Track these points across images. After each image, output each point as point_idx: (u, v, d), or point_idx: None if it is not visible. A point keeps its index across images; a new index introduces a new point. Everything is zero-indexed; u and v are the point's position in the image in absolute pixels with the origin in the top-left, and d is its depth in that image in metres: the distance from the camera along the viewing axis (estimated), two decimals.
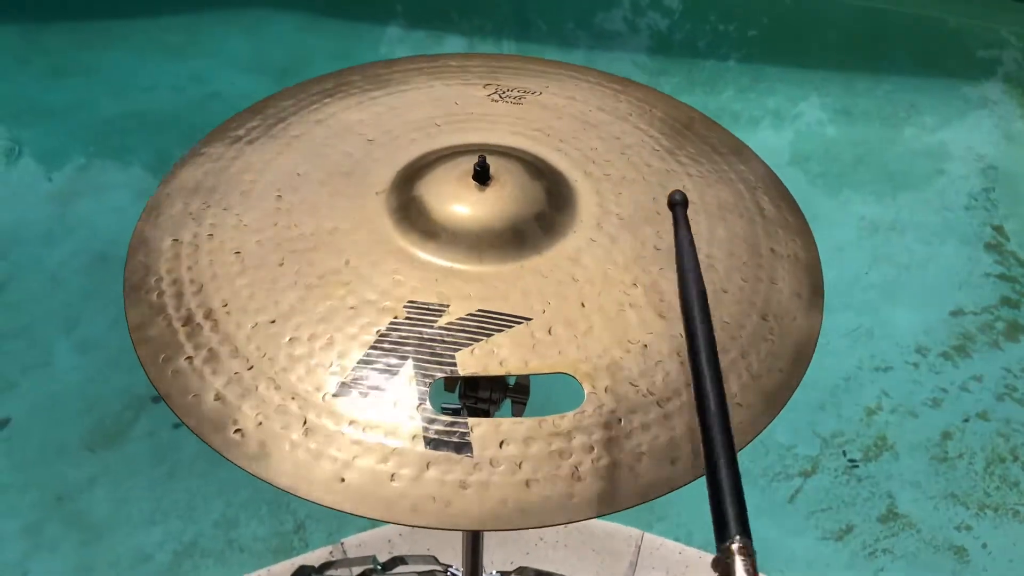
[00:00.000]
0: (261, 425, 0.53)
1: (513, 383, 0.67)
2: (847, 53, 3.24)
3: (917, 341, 2.02)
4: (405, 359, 0.55)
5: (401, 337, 0.56)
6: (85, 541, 1.62)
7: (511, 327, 0.57)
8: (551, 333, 0.57)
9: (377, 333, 0.56)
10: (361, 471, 0.51)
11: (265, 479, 0.51)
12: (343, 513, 0.50)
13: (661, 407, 0.54)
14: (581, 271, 0.61)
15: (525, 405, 0.71)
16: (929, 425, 1.85)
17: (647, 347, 0.57)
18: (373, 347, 0.56)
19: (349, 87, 0.82)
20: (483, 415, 0.71)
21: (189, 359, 0.57)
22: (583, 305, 0.59)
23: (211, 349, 0.57)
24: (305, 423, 0.53)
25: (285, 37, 3.10)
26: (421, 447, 0.51)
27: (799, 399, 0.59)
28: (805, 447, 1.80)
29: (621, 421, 0.53)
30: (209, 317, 0.59)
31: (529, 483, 0.51)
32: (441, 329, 0.56)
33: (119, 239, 0.69)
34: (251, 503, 1.65)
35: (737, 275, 0.63)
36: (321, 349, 0.56)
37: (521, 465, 0.51)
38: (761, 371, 0.58)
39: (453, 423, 0.52)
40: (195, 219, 0.67)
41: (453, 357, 0.55)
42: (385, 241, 0.63)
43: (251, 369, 0.56)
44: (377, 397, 0.54)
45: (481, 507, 0.49)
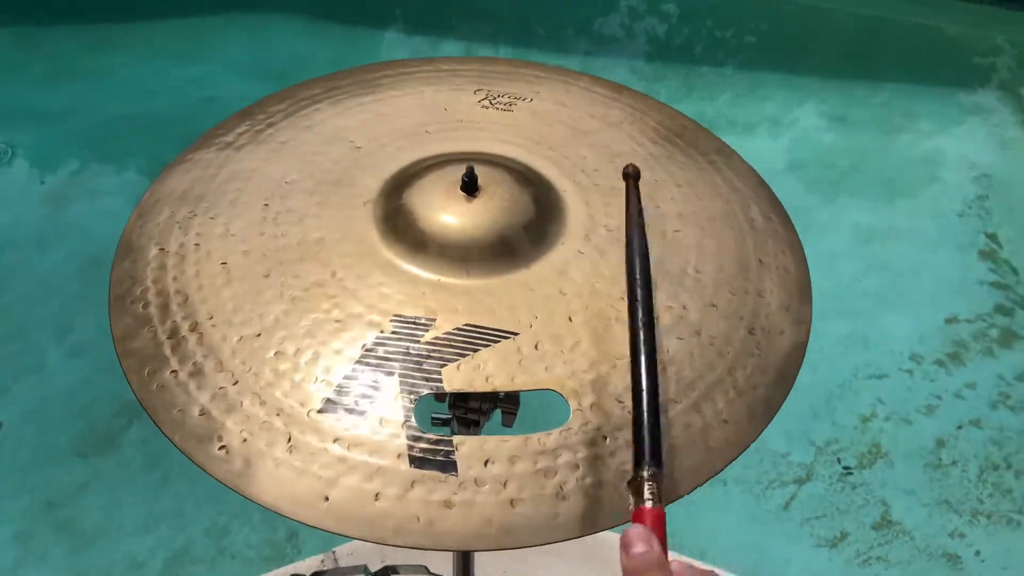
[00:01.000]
0: (246, 442, 0.53)
1: (503, 393, 0.67)
2: (844, 60, 3.25)
3: (911, 348, 2.02)
4: (391, 375, 0.55)
5: (387, 352, 0.56)
6: (76, 548, 1.62)
7: (498, 342, 0.56)
8: (538, 348, 0.56)
9: (363, 348, 0.56)
10: (345, 489, 0.50)
11: (249, 497, 0.50)
12: None
13: None
14: (569, 284, 0.61)
15: (515, 415, 0.71)
16: (923, 432, 1.85)
17: None
18: (359, 362, 0.55)
19: (339, 91, 0.82)
20: (473, 425, 0.71)
21: (174, 373, 0.57)
22: (570, 319, 0.58)
23: (196, 363, 0.57)
24: (290, 440, 0.52)
25: (284, 42, 3.10)
26: (406, 465, 0.51)
27: (793, 406, 0.59)
28: (799, 454, 1.80)
29: (607, 439, 0.53)
30: (195, 330, 0.58)
31: (514, 502, 0.50)
32: (427, 344, 0.56)
33: (112, 243, 0.69)
34: (243, 511, 1.64)
35: (725, 288, 0.63)
36: (306, 364, 0.56)
37: (506, 484, 0.51)
38: (747, 387, 0.57)
39: (438, 441, 0.52)
40: (182, 228, 0.66)
41: (439, 373, 0.54)
42: (372, 253, 0.63)
43: (236, 384, 0.55)
44: (362, 414, 0.53)
45: (465, 527, 0.49)
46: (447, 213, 0.64)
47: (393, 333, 0.57)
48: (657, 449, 0.46)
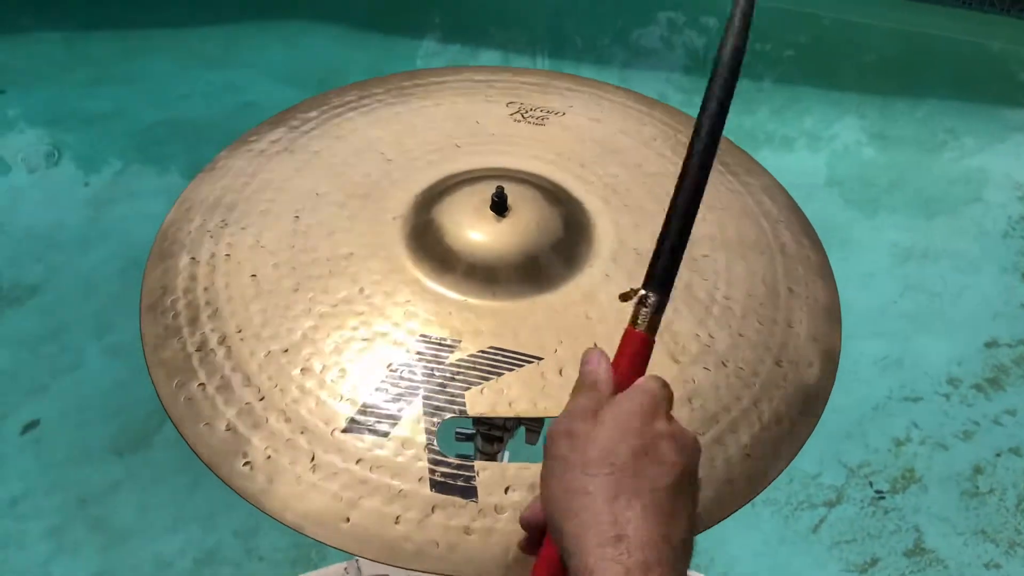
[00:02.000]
0: (270, 458, 0.53)
1: None
2: (884, 75, 3.20)
3: (949, 372, 1.98)
4: (415, 396, 0.55)
5: (412, 373, 0.56)
6: (107, 545, 1.64)
7: (522, 366, 0.56)
8: (562, 374, 0.56)
9: (388, 368, 0.56)
10: (366, 511, 0.50)
11: (271, 514, 0.51)
12: None
13: None
14: (595, 309, 0.60)
15: (539, 433, 0.70)
16: (959, 458, 1.81)
17: None
18: (383, 382, 0.56)
19: (372, 100, 0.82)
20: (497, 441, 0.71)
21: (202, 386, 0.57)
22: (595, 345, 0.58)
23: (224, 376, 0.57)
24: (313, 459, 0.53)
25: (322, 49, 3.14)
26: (427, 490, 0.51)
27: (825, 427, 0.58)
28: (831, 476, 1.77)
29: None
30: (223, 343, 0.59)
31: None
32: (452, 366, 0.56)
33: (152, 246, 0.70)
34: None
35: (754, 317, 0.62)
36: (332, 382, 0.56)
37: None
38: (772, 421, 0.56)
39: (460, 466, 0.52)
40: (213, 237, 0.67)
41: (463, 396, 0.54)
42: (399, 270, 0.63)
43: (262, 400, 0.56)
44: (385, 436, 0.53)
45: (484, 554, 0.49)
46: (476, 232, 0.64)
47: (419, 354, 0.57)
48: (669, 277, 0.48)
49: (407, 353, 0.57)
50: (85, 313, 2.12)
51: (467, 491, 0.51)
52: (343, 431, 0.53)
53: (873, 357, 2.00)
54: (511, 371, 0.56)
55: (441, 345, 0.57)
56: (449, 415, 0.54)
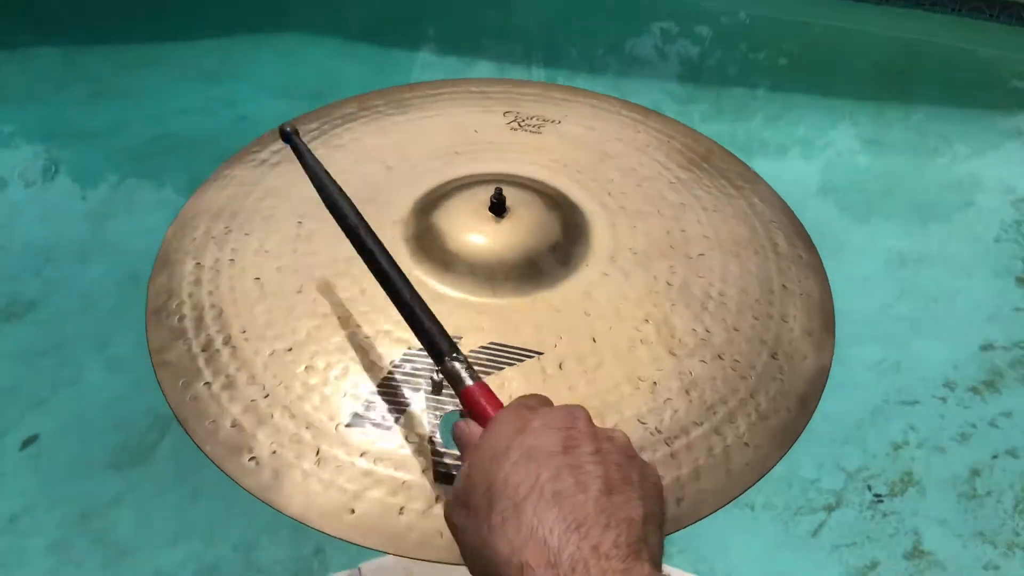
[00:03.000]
0: (275, 453, 0.54)
1: None
2: (878, 82, 3.23)
3: (945, 375, 1.99)
4: (417, 391, 0.56)
5: (414, 368, 0.57)
6: (109, 559, 1.64)
7: (522, 361, 0.57)
8: (561, 368, 0.57)
9: (391, 364, 0.57)
10: (371, 503, 0.51)
11: (276, 508, 0.52)
12: None
13: (668, 445, 0.54)
14: (593, 306, 0.62)
15: None
16: (957, 461, 1.82)
17: (656, 384, 0.57)
18: (386, 377, 0.57)
19: (371, 111, 0.84)
20: None
21: (207, 384, 0.58)
22: (594, 340, 0.59)
23: (229, 375, 0.58)
24: (318, 453, 0.53)
25: (317, 62, 3.16)
26: (431, 481, 0.52)
27: (822, 432, 0.59)
28: (829, 480, 1.78)
29: None
30: (228, 343, 0.60)
31: None
32: None
33: (150, 260, 0.71)
34: (271, 526, 1.66)
35: (749, 312, 0.63)
36: (336, 379, 0.57)
37: None
38: (769, 411, 0.57)
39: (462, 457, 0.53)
40: (217, 243, 0.68)
41: None
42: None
43: (267, 397, 0.57)
44: (389, 429, 0.54)
45: None
46: (475, 233, 0.65)
47: (420, 350, 0.58)
48: (448, 338, 0.50)
49: (409, 350, 0.58)
50: (84, 327, 2.13)
51: None
52: (347, 425, 0.54)
53: (869, 362, 2.01)
54: (512, 366, 0.57)
55: None
56: (451, 408, 0.55)
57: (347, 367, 0.57)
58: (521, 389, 0.56)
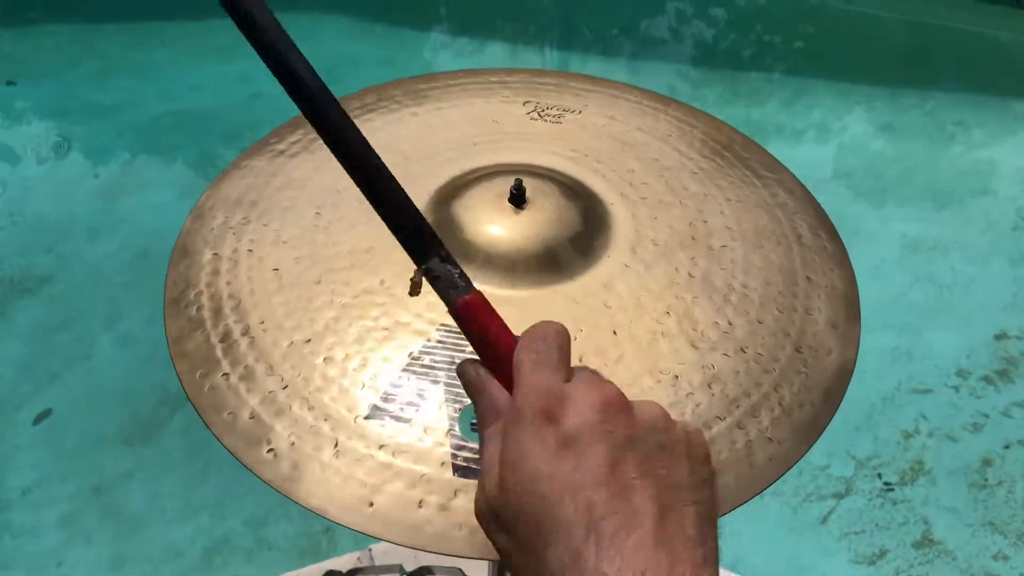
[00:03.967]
0: (294, 445, 0.54)
1: None
2: (894, 67, 3.20)
3: (958, 364, 1.98)
4: (436, 383, 0.55)
5: (433, 361, 0.57)
6: (119, 533, 1.66)
7: None
8: (581, 360, 0.57)
9: (409, 356, 0.57)
10: (389, 496, 0.51)
11: (296, 500, 0.51)
12: None
13: None
14: (614, 298, 0.61)
15: None
16: (968, 450, 1.82)
17: (678, 378, 0.56)
18: (405, 370, 0.56)
19: (389, 102, 0.83)
20: None
21: (226, 376, 0.58)
22: (615, 333, 0.59)
23: (247, 366, 0.58)
24: (336, 445, 0.53)
25: (330, 41, 3.15)
26: (449, 474, 0.52)
27: (834, 419, 0.59)
28: (839, 468, 1.78)
29: None
30: (246, 334, 0.60)
31: None
32: (472, 354, 0.56)
33: (162, 235, 0.71)
34: (281, 503, 1.66)
35: (772, 305, 0.62)
36: (355, 370, 0.57)
37: None
38: (793, 405, 0.57)
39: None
40: (235, 234, 0.68)
41: None
42: None
43: (285, 388, 0.56)
44: (408, 422, 0.54)
45: None
46: (494, 224, 0.64)
47: (439, 342, 0.57)
48: (434, 235, 0.44)
49: (428, 342, 0.58)
50: (96, 303, 2.14)
51: None
52: (366, 418, 0.54)
53: (882, 349, 2.00)
54: None
55: (461, 334, 0.58)
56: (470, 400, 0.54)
57: (366, 359, 0.57)
58: None
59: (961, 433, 1.85)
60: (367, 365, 0.57)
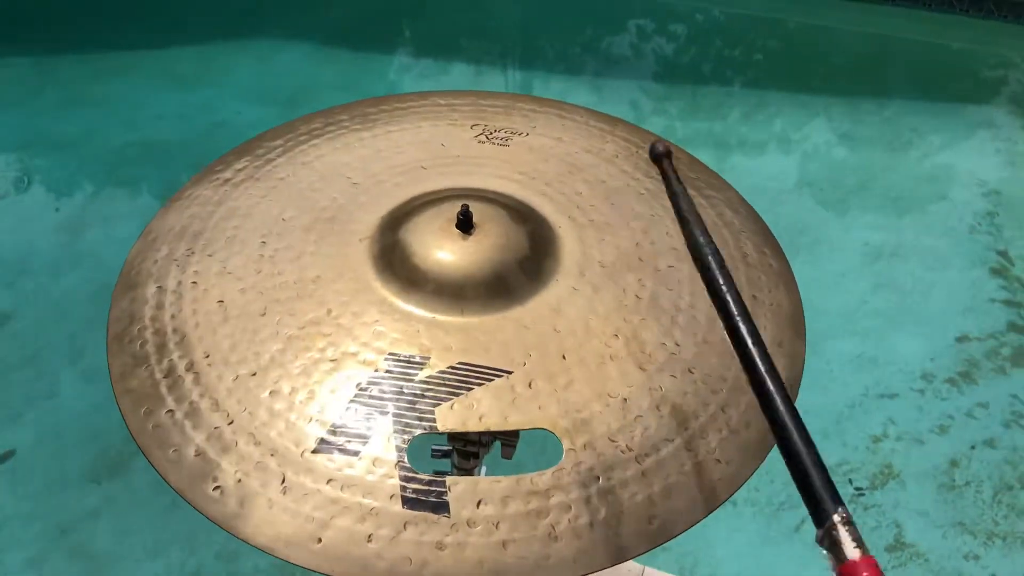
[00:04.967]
0: (240, 482, 0.53)
1: None
2: (852, 77, 3.25)
3: (922, 367, 2.01)
4: (385, 414, 0.55)
5: (381, 391, 0.56)
6: (89, 573, 1.62)
7: (491, 380, 0.57)
8: (531, 387, 0.57)
9: (357, 387, 0.57)
10: (338, 531, 0.51)
11: (243, 538, 0.51)
12: None
13: (639, 463, 0.54)
14: (563, 322, 0.61)
15: (515, 447, 0.71)
16: (936, 453, 1.83)
17: (627, 401, 0.57)
18: (353, 401, 0.56)
19: (337, 127, 0.83)
20: (473, 457, 0.71)
21: (170, 412, 0.57)
22: (564, 357, 0.59)
23: (192, 402, 0.57)
24: (284, 481, 0.53)
25: (293, 67, 3.14)
26: (399, 507, 0.51)
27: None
28: None
29: (599, 479, 0.53)
30: (191, 369, 0.59)
31: (506, 544, 0.50)
32: (421, 383, 0.56)
33: None
34: None
35: (719, 325, 0.63)
36: (301, 403, 0.56)
37: (498, 525, 0.51)
38: (740, 425, 0.57)
39: (431, 482, 0.52)
40: (180, 266, 0.67)
41: (433, 412, 0.55)
42: (367, 290, 0.63)
43: (231, 424, 0.56)
44: (356, 455, 0.53)
45: (458, 569, 0.49)
46: (442, 250, 0.64)
47: (387, 372, 0.57)
48: (833, 489, 0.40)
49: (376, 372, 0.57)
50: (58, 339, 2.10)
51: (439, 506, 0.51)
52: (313, 452, 0.54)
53: (848, 356, 2.02)
54: (481, 386, 0.56)
55: (410, 363, 0.58)
56: (419, 432, 0.54)
57: (312, 391, 0.57)
58: (491, 409, 0.55)
59: (928, 436, 1.87)
60: (314, 398, 0.56)
